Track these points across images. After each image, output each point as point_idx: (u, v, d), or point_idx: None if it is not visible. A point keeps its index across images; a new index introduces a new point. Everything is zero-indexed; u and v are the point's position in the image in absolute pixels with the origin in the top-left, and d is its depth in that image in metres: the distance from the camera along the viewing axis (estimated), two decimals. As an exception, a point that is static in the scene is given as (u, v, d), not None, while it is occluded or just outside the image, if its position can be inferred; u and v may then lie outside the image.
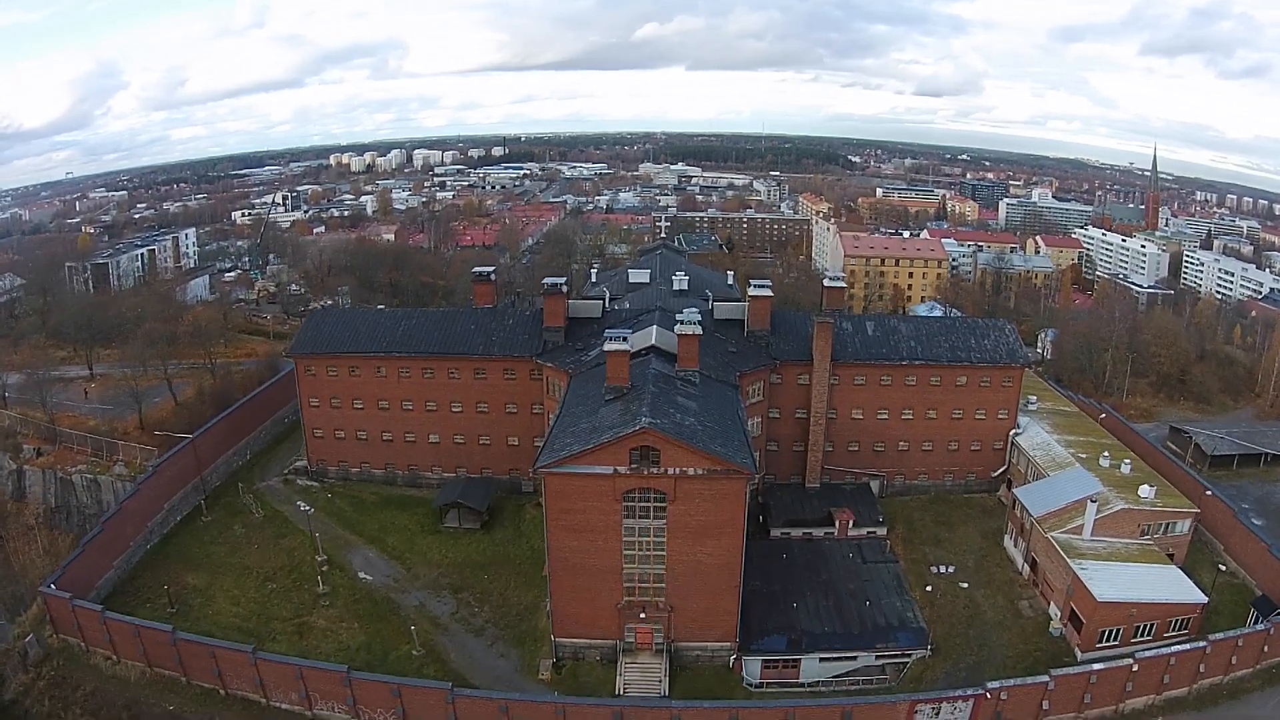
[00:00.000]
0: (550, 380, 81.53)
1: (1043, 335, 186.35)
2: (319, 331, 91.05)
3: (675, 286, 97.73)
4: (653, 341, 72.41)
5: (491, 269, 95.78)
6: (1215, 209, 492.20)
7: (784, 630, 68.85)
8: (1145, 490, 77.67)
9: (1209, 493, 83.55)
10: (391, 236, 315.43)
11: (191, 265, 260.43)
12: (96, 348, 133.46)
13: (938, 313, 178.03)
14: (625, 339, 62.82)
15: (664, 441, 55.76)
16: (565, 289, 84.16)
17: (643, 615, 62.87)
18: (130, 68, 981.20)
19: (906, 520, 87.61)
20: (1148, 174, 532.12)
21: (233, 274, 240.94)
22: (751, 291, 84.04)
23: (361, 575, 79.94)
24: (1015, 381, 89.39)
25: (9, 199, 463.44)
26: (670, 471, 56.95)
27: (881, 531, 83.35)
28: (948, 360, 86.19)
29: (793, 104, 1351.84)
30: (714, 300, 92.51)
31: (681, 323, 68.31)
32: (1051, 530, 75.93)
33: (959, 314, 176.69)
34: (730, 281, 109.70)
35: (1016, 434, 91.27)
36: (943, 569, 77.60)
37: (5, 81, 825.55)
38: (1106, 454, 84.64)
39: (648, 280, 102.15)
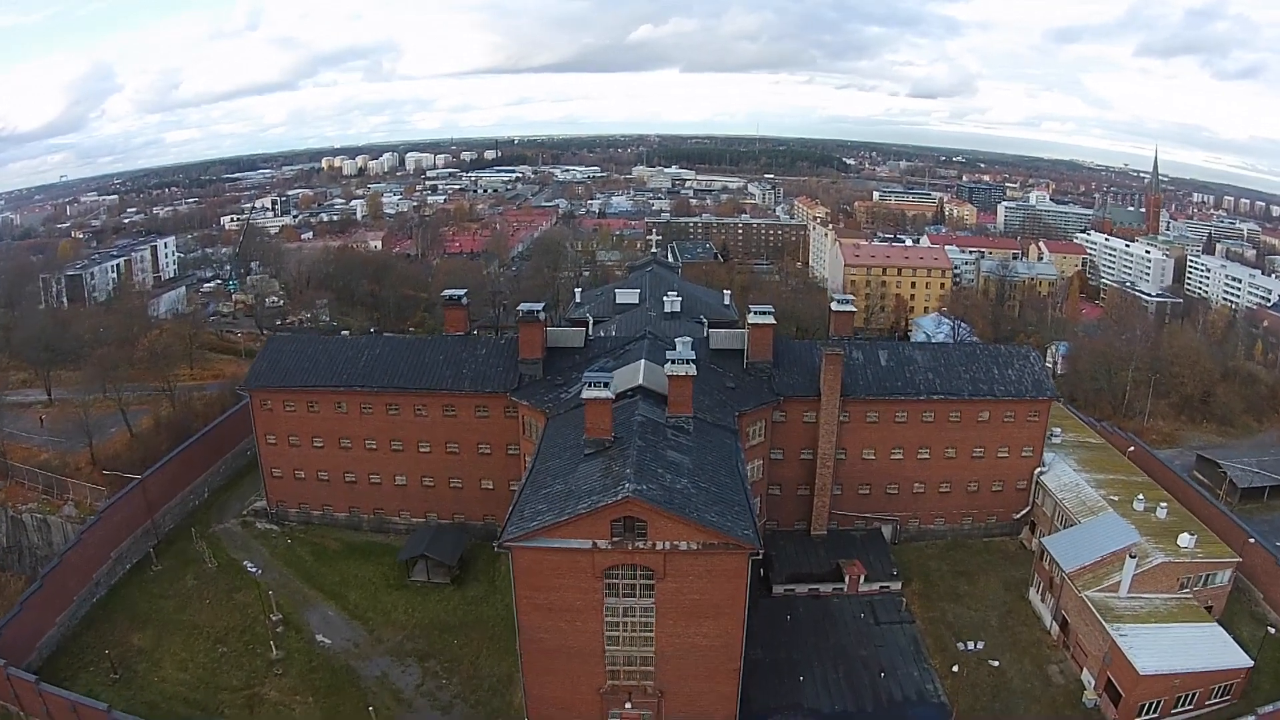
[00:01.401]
0: (526, 420, 73.23)
1: (1053, 349, 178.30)
2: (275, 362, 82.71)
3: (667, 309, 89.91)
4: (640, 381, 63.92)
5: (463, 292, 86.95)
6: (1213, 211, 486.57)
7: (790, 709, 60.86)
8: (1185, 540, 69.76)
9: (1252, 540, 75.66)
10: (379, 243, 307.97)
11: (172, 275, 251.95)
12: (56, 369, 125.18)
13: (945, 327, 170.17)
14: (607, 384, 54.41)
15: (651, 512, 47.50)
16: (543, 316, 75.74)
17: (629, 705, 54.65)
18: (125, 70, 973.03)
19: (922, 571, 79.68)
20: (1144, 175, 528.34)
21: (211, 285, 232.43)
22: (752, 319, 75.70)
23: (320, 638, 71.76)
24: (1041, 416, 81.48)
25: (1, 202, 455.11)
26: (659, 546, 48.68)
27: (896, 586, 75.31)
28: (969, 394, 78.12)
29: (787, 106, 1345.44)
30: (709, 327, 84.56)
31: (673, 361, 59.80)
32: (1086, 589, 67.98)
33: (966, 328, 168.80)
34: (727, 301, 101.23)
35: (1042, 473, 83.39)
36: (971, 645, 69.21)
37: (1, 84, 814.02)
38: (1141, 496, 76.88)
39: (637, 301, 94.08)
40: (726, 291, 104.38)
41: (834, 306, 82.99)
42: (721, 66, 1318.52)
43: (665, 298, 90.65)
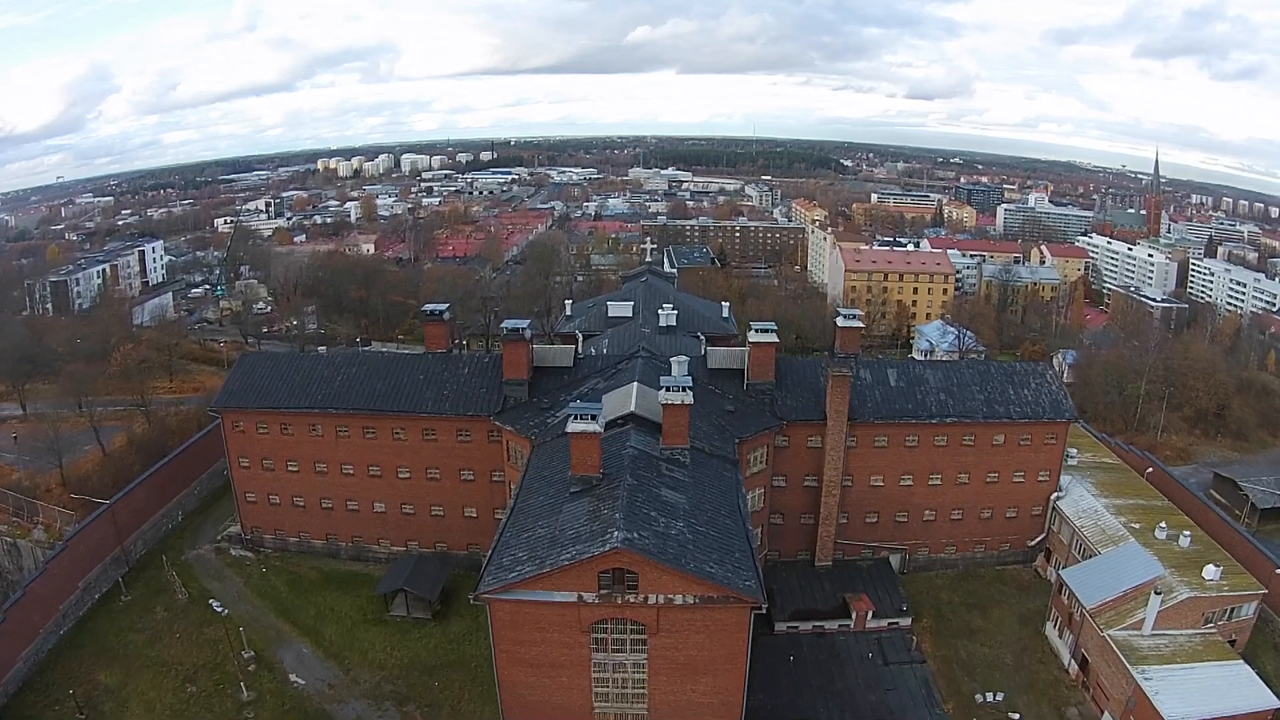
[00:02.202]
0: (511, 446, 68.58)
1: (1059, 358, 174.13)
2: (247, 381, 78.00)
3: (662, 322, 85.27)
4: (632, 407, 59.11)
5: (444, 307, 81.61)
6: (1211, 212, 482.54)
7: (794, 763, 56.45)
8: (1211, 571, 65.63)
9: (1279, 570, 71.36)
10: (371, 246, 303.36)
11: (160, 280, 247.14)
12: (34, 382, 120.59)
13: (950, 336, 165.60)
14: (594, 416, 49.80)
15: (643, 564, 42.95)
16: (529, 334, 71.11)
17: (620, 768, 50.09)
18: (122, 71, 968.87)
19: (933, 604, 75.15)
20: (1142, 176, 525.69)
21: (200, 290, 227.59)
22: (753, 337, 70.65)
23: (293, 678, 67.06)
24: (1059, 438, 77.06)
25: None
26: (651, 600, 43.99)
27: (906, 622, 70.69)
28: (983, 416, 73.53)
29: (783, 107, 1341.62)
30: (707, 344, 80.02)
31: (668, 388, 55.12)
32: (1108, 627, 63.51)
33: (971, 336, 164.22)
34: (725, 313, 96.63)
35: (1058, 498, 78.98)
36: (990, 697, 64.61)
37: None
38: (1163, 524, 72.50)
39: (630, 314, 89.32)
40: (725, 304, 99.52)
41: (840, 321, 78.15)
42: (719, 68, 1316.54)
43: (660, 311, 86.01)
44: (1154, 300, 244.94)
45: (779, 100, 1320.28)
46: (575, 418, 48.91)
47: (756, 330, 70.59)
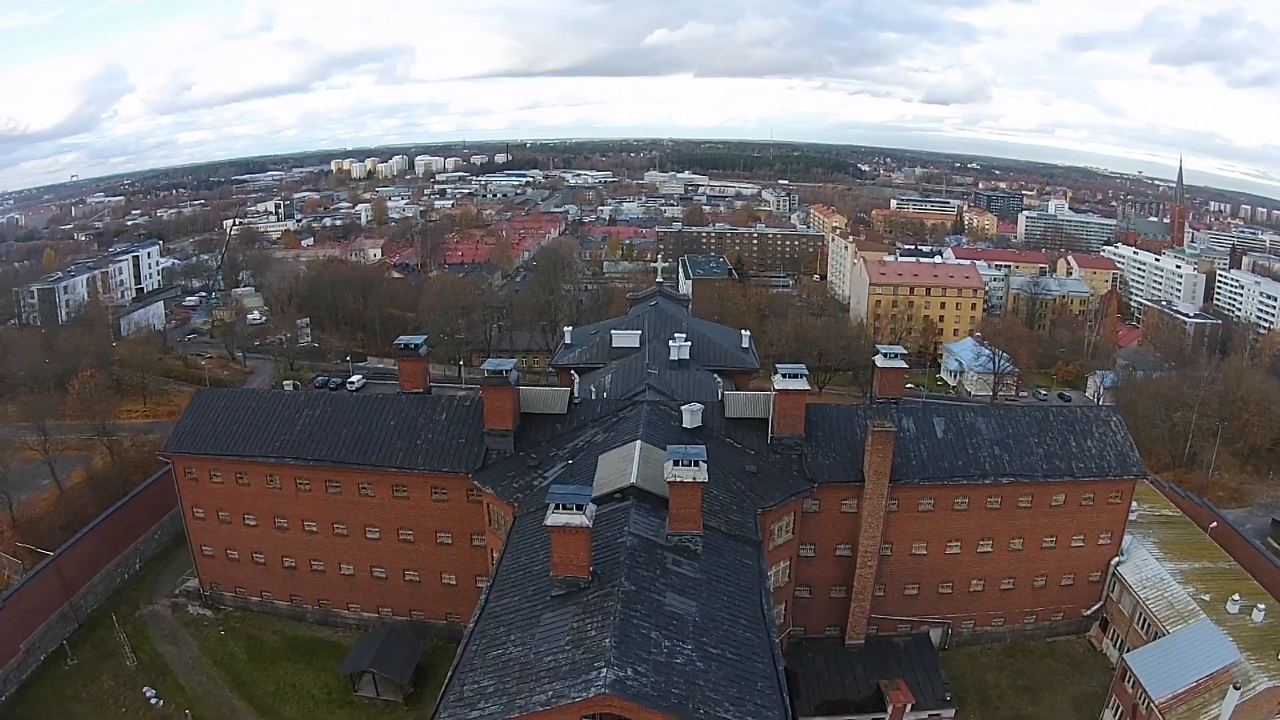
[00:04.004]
0: (493, 510, 58.86)
1: (1095, 379, 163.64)
2: (199, 423, 68.50)
3: (673, 355, 74.52)
4: (632, 479, 48.41)
5: (421, 339, 71.38)
6: (1230, 220, 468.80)
7: None
8: (1291, 654, 56.15)
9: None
10: (378, 251, 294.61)
11: (156, 286, 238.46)
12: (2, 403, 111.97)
13: (984, 358, 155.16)
14: (581, 505, 39.85)
15: (639, 712, 33.16)
16: (514, 377, 61.06)
17: None
18: (136, 71, 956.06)
19: (978, 688, 65.22)
20: (1159, 183, 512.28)
21: (195, 298, 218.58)
22: (780, 384, 59.94)
23: (242, 773, 58.30)
24: (1125, 497, 66.91)
25: (10, 202, 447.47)
26: (649, 756, 34.45)
27: (949, 715, 60.75)
28: (1043, 475, 63.48)
29: (799, 111, 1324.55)
30: (724, 383, 70.21)
31: (677, 461, 44.52)
32: (1180, 725, 53.94)
33: (1005, 356, 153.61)
34: (745, 343, 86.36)
35: (1119, 563, 69.01)
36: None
37: (11, 83, 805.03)
38: (1237, 596, 62.67)
39: (637, 344, 78.98)
40: (745, 333, 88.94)
41: (879, 361, 67.45)
42: (735, 72, 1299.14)
43: (671, 342, 75.89)
44: (1187, 316, 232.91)
45: (795, 104, 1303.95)
46: (557, 507, 38.84)
47: (784, 375, 59.94)
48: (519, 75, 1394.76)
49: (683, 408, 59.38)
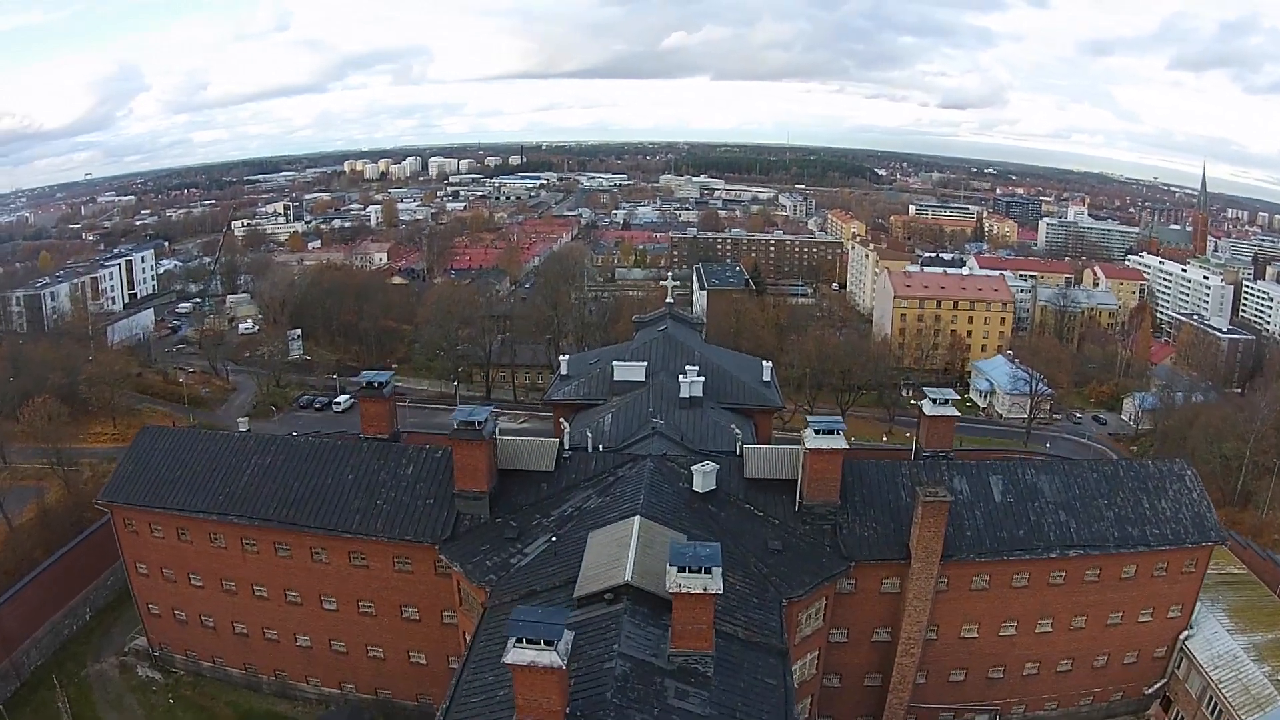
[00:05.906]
0: (463, 588, 49.53)
1: (1133, 402, 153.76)
2: (141, 467, 59.65)
3: (683, 392, 65.20)
4: (627, 576, 38.16)
5: (387, 377, 60.84)
6: (1248, 228, 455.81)
7: None
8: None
9: None
10: (384, 255, 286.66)
11: (150, 291, 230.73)
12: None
13: (1021, 380, 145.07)
14: (552, 641, 30.10)
15: None
16: (490, 428, 51.57)
17: None
18: (151, 70, 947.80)
19: (1035, 790, 56.09)
20: (1175, 189, 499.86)
21: (189, 305, 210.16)
22: (812, 442, 50.19)
23: None
24: (1200, 565, 57.56)
25: (24, 199, 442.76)
26: None
27: (1002, 833, 51.41)
28: (1115, 545, 54.00)
29: (816, 114, 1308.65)
30: (743, 431, 60.71)
31: (683, 567, 34.24)
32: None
33: (1040, 378, 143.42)
34: (767, 377, 76.19)
35: (1188, 637, 59.56)
36: None
37: (27, 81, 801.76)
38: (1315, 678, 53.45)
39: (642, 377, 69.50)
40: (767, 364, 78.71)
41: (927, 409, 57.22)
42: (752, 75, 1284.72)
43: (682, 376, 66.41)
44: (1220, 331, 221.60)
45: (811, 107, 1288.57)
46: (520, 642, 29.35)
47: (817, 431, 50.18)
48: (535, 77, 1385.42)
49: (693, 468, 50.00)
